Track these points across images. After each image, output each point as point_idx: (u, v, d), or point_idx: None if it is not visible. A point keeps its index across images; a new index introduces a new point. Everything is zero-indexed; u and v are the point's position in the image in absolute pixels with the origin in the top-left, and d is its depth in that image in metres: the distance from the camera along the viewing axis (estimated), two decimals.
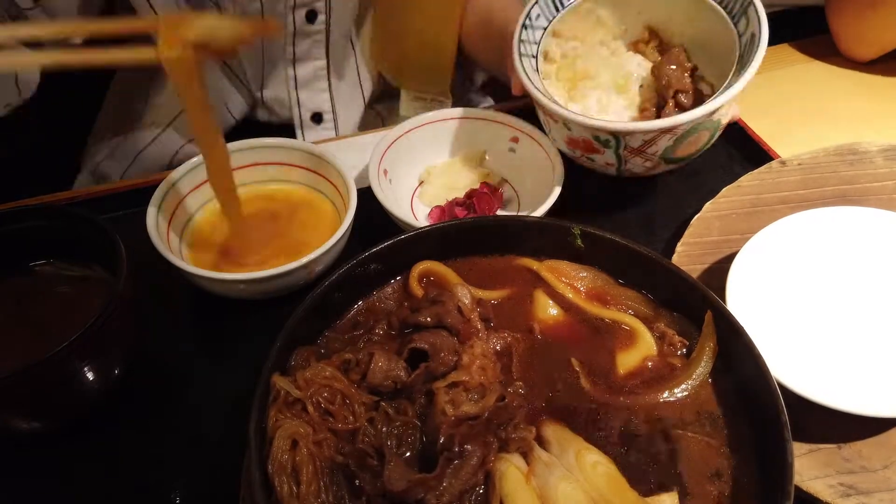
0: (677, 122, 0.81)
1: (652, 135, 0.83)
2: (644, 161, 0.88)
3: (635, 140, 0.84)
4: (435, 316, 0.64)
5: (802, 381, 0.69)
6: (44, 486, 0.72)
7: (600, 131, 0.84)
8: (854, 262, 0.81)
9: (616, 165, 0.90)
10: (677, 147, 0.85)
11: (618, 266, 0.72)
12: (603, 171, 0.93)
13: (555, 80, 0.97)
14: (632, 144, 0.85)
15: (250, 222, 0.93)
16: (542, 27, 0.95)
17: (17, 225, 0.76)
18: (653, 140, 0.84)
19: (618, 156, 0.87)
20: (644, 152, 0.86)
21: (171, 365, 0.83)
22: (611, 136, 0.84)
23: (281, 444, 0.55)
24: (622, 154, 0.87)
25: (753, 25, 0.85)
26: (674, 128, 0.82)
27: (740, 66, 0.85)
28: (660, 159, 0.87)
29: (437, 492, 0.52)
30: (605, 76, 0.97)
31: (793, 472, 0.53)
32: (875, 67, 1.27)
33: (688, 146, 0.87)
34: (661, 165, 0.89)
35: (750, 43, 0.85)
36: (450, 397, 0.58)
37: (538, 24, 0.95)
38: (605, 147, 0.86)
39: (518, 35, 0.93)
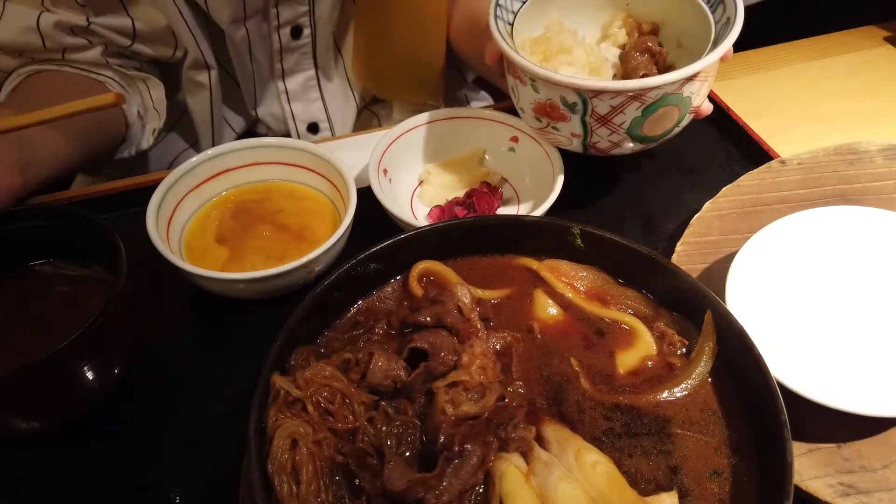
0: (645, 85, 0.80)
1: (620, 99, 0.81)
2: (610, 133, 0.86)
3: (603, 105, 0.82)
4: (435, 315, 0.64)
5: (802, 380, 0.69)
6: (44, 486, 0.72)
7: (567, 89, 0.83)
8: (854, 262, 0.81)
9: (581, 137, 0.88)
10: (645, 121, 0.84)
11: (618, 266, 0.72)
12: (568, 146, 0.92)
13: (528, 53, 0.96)
14: (599, 110, 0.83)
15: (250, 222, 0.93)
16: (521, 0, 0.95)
17: (17, 225, 0.76)
18: (621, 107, 0.82)
19: (584, 124, 0.86)
20: (610, 122, 0.84)
21: (171, 365, 0.83)
22: (577, 97, 0.83)
23: (281, 444, 0.55)
24: (588, 122, 0.85)
25: (730, 10, 0.86)
26: (642, 93, 0.81)
27: (714, 45, 0.85)
28: (626, 134, 0.86)
29: (436, 491, 0.52)
30: (579, 55, 0.96)
31: (792, 472, 0.53)
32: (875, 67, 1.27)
33: (656, 122, 0.85)
34: (627, 141, 0.88)
35: (724, 25, 0.86)
36: (450, 397, 0.58)
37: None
38: (572, 112, 0.85)
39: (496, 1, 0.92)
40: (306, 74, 1.23)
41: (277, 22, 1.13)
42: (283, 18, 1.13)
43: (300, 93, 1.25)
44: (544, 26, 0.97)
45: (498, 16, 0.91)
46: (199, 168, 0.92)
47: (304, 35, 1.17)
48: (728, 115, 1.13)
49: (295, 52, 1.19)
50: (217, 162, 0.94)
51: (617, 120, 0.84)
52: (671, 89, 0.81)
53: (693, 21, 0.92)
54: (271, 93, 1.24)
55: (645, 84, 0.80)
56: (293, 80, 1.23)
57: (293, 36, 1.16)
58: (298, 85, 1.24)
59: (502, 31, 0.89)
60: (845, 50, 1.32)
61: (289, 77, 1.22)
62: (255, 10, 1.10)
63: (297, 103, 1.26)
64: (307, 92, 1.25)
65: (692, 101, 0.86)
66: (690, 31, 0.93)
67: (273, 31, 1.14)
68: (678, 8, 0.94)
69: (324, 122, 1.29)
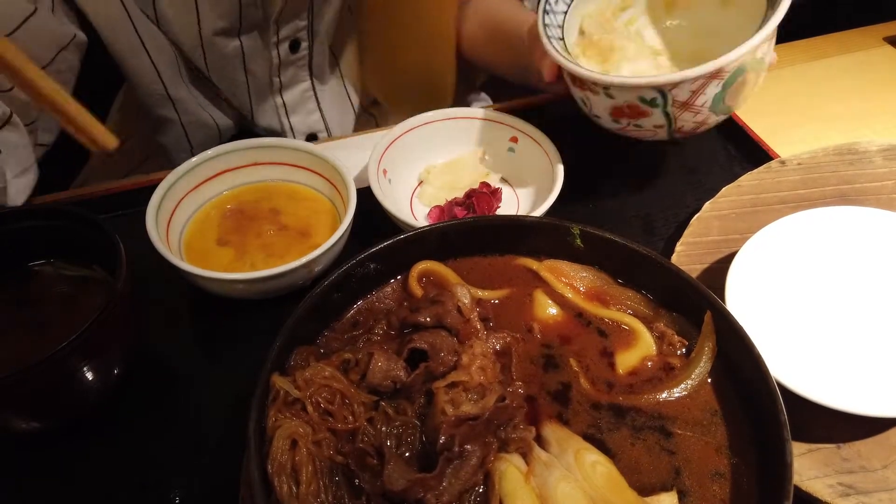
0: (723, 63, 0.78)
1: (699, 82, 0.80)
2: (694, 115, 0.85)
3: (682, 92, 0.82)
4: (434, 316, 0.64)
5: (802, 380, 0.69)
6: (44, 486, 0.72)
7: (645, 89, 0.82)
8: (853, 262, 0.81)
9: (666, 126, 0.88)
10: (726, 94, 0.83)
11: (617, 266, 0.72)
12: (652, 137, 0.91)
13: (584, 59, 0.97)
14: (679, 98, 0.83)
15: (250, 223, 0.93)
16: (563, 11, 0.95)
17: (17, 225, 0.76)
18: (701, 89, 0.81)
19: (666, 114, 0.85)
20: (692, 105, 0.84)
21: (171, 365, 0.83)
22: (657, 92, 0.82)
23: (280, 444, 0.55)
24: (671, 112, 0.85)
25: None
26: (720, 71, 0.79)
27: (771, 3, 0.83)
28: (710, 111, 0.85)
29: (436, 491, 0.52)
30: (629, 48, 0.96)
31: (792, 472, 0.53)
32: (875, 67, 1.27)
33: (736, 92, 0.84)
34: (710, 118, 0.87)
35: None
36: (449, 397, 0.58)
37: (558, 8, 0.95)
38: (651, 107, 0.85)
39: (541, 20, 0.92)
40: (302, 86, 1.23)
41: (277, 38, 1.12)
42: (283, 34, 1.13)
43: (297, 105, 1.25)
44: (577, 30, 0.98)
45: (550, 35, 0.91)
46: (198, 168, 0.92)
47: (302, 48, 1.17)
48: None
49: (292, 65, 1.19)
50: (217, 162, 0.94)
51: (699, 101, 0.83)
52: (747, 59, 0.80)
53: None
54: (269, 107, 1.24)
55: (721, 63, 0.78)
56: (290, 93, 1.23)
57: (291, 50, 1.16)
58: (295, 97, 1.24)
59: (559, 48, 0.90)
60: (845, 50, 1.32)
61: (286, 91, 1.22)
62: (252, 25, 1.09)
63: (295, 116, 1.25)
64: (304, 103, 1.25)
65: (765, 61, 0.85)
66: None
67: (272, 46, 1.13)
68: None
69: (322, 133, 1.30)
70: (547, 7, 0.94)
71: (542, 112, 1.15)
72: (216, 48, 1.09)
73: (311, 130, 1.28)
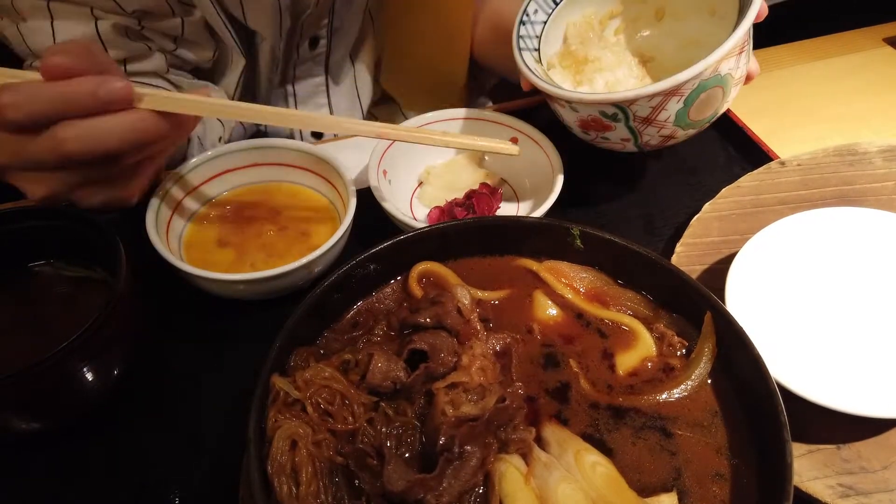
0: (678, 81, 0.77)
1: (658, 99, 0.80)
2: (659, 130, 0.85)
3: (642, 109, 0.81)
4: (434, 317, 0.64)
5: (802, 381, 0.69)
6: (44, 486, 0.72)
7: (604, 105, 0.82)
8: (853, 263, 0.82)
9: (632, 140, 0.88)
10: (689, 110, 0.83)
11: (617, 266, 0.72)
12: (623, 149, 0.91)
13: (560, 69, 0.97)
14: (640, 114, 0.82)
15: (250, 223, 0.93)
16: (542, 21, 0.95)
17: (16, 225, 0.76)
18: (661, 105, 0.81)
19: (630, 129, 0.85)
20: (655, 121, 0.83)
21: (171, 365, 0.83)
22: (616, 108, 0.82)
23: (280, 445, 0.55)
24: (634, 126, 0.84)
25: None
26: (677, 88, 0.79)
27: (740, 16, 0.81)
28: (675, 126, 0.85)
29: (436, 492, 0.52)
30: (607, 59, 0.96)
31: (792, 473, 0.53)
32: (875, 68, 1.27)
33: (701, 107, 0.83)
34: (679, 132, 0.86)
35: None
36: (449, 398, 0.58)
37: (537, 18, 0.95)
38: (614, 122, 0.84)
39: (517, 31, 0.93)
40: (316, 80, 1.23)
41: (299, 36, 1.13)
42: (306, 33, 1.14)
43: (307, 97, 1.25)
44: (562, 38, 0.98)
45: (522, 47, 0.92)
46: (199, 168, 0.92)
47: (321, 45, 1.17)
48: (728, 116, 1.13)
49: (309, 60, 1.19)
50: (217, 162, 0.94)
51: (661, 117, 0.83)
52: (707, 75, 0.79)
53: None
54: (278, 95, 1.24)
55: (676, 81, 0.77)
56: (302, 85, 1.23)
57: (310, 46, 1.17)
58: (307, 90, 1.24)
59: (528, 61, 0.90)
60: (845, 51, 1.32)
61: (298, 82, 1.22)
62: (287, 29, 1.10)
63: (304, 107, 1.25)
64: (315, 97, 1.25)
65: (734, 75, 0.83)
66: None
67: (294, 45, 1.14)
68: None
69: None
70: (524, 18, 0.94)
71: (543, 112, 1.15)
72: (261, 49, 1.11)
73: None
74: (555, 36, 0.98)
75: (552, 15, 0.96)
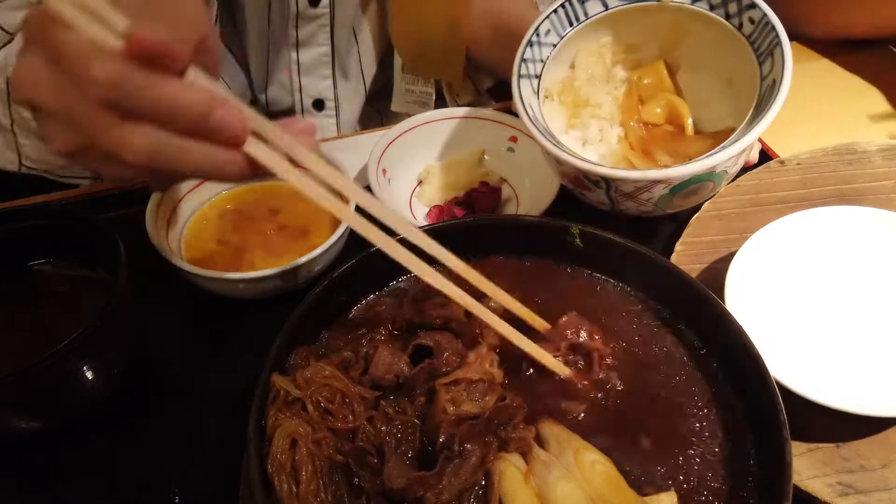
0: (669, 176, 0.75)
1: (643, 183, 0.77)
2: (638, 206, 0.83)
3: (626, 186, 0.79)
4: (442, 317, 0.64)
5: (801, 380, 0.69)
6: (44, 486, 0.72)
7: (589, 173, 0.79)
8: (853, 262, 0.82)
9: (609, 205, 0.85)
10: (674, 198, 0.81)
11: (617, 266, 0.72)
12: (598, 206, 0.88)
13: (558, 104, 0.93)
14: (623, 189, 0.80)
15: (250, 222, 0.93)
16: (552, 44, 0.89)
17: (16, 225, 0.76)
18: (646, 188, 0.78)
19: (609, 197, 0.83)
20: (636, 198, 0.81)
21: (171, 365, 0.83)
22: (600, 178, 0.79)
23: (280, 444, 0.55)
24: (613, 196, 0.82)
25: (777, 70, 0.79)
26: (665, 180, 0.77)
27: (756, 112, 0.79)
28: (655, 206, 0.82)
29: (436, 490, 0.53)
30: (607, 106, 0.93)
31: (791, 472, 0.53)
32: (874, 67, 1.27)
33: (688, 196, 0.82)
34: (657, 211, 0.84)
35: (770, 89, 0.79)
36: (450, 396, 0.58)
37: (547, 40, 0.89)
38: (595, 187, 0.82)
39: (521, 53, 0.87)
40: (321, 49, 1.22)
41: None
42: None
43: (312, 67, 1.24)
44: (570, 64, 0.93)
45: (522, 73, 0.86)
46: None
47: (323, 4, 1.16)
48: None
49: (312, 21, 1.18)
50: None
51: (644, 197, 0.81)
52: (701, 174, 0.77)
53: (743, 66, 0.84)
54: (283, 61, 1.23)
55: (668, 175, 0.75)
56: (307, 53, 1.22)
57: (310, 2, 1.15)
58: (311, 59, 1.23)
59: (524, 91, 0.85)
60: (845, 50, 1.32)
61: (302, 48, 1.21)
62: None
63: (307, 77, 1.24)
64: (319, 68, 1.24)
65: (728, 171, 0.82)
66: (742, 73, 0.85)
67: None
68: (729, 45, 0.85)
69: (330, 101, 1.29)
70: (533, 39, 0.88)
71: None
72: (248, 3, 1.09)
73: (319, 95, 1.27)
74: (563, 59, 0.92)
75: (564, 39, 0.89)
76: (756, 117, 0.78)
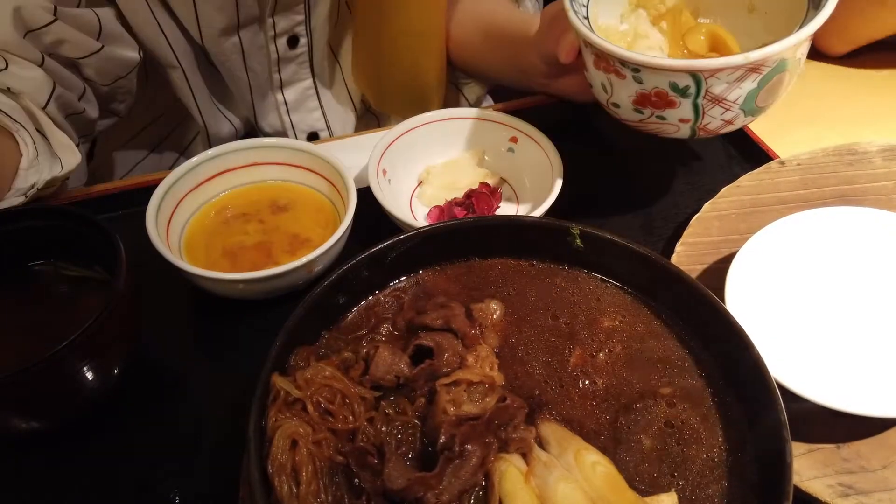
0: (767, 54, 0.73)
1: (738, 73, 0.75)
2: (724, 112, 0.79)
3: (719, 83, 0.76)
4: (443, 318, 0.64)
5: (802, 380, 0.69)
6: (44, 486, 0.72)
7: (680, 73, 0.75)
8: (853, 262, 0.82)
9: (692, 121, 0.81)
10: (760, 91, 0.78)
11: (617, 266, 0.72)
12: (674, 133, 0.85)
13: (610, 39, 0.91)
14: (714, 90, 0.76)
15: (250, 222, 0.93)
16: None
17: (16, 225, 0.76)
18: (738, 82, 0.76)
19: (695, 106, 0.79)
20: (725, 100, 0.78)
21: (171, 365, 0.83)
22: (692, 79, 0.76)
23: (280, 444, 0.55)
24: (700, 104, 0.78)
25: None
26: (762, 63, 0.74)
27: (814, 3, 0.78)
28: (740, 109, 0.80)
29: (436, 490, 0.53)
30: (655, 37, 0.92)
31: (791, 472, 0.53)
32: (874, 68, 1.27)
33: (770, 91, 0.79)
34: (739, 118, 0.81)
35: None
36: (451, 396, 0.58)
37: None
38: (682, 97, 0.78)
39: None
40: (304, 84, 1.23)
41: (274, 32, 1.12)
42: (280, 28, 1.12)
43: (299, 103, 1.24)
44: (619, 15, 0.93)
45: (575, 10, 0.84)
46: (199, 168, 0.92)
47: (301, 44, 1.17)
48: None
49: (292, 62, 1.18)
50: (217, 162, 0.94)
51: (732, 96, 0.78)
52: (789, 54, 0.75)
53: None
54: (269, 104, 1.24)
55: (765, 53, 0.73)
56: (291, 91, 1.22)
57: (290, 45, 1.16)
58: (297, 95, 1.23)
59: (584, 24, 0.82)
60: None
61: (287, 88, 1.22)
62: (249, 19, 1.09)
63: (296, 114, 1.25)
64: (305, 102, 1.25)
65: (801, 62, 0.81)
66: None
67: (269, 40, 1.13)
68: None
69: (323, 132, 1.29)
70: None
71: (542, 112, 1.15)
72: (217, 44, 1.09)
73: (312, 129, 1.28)
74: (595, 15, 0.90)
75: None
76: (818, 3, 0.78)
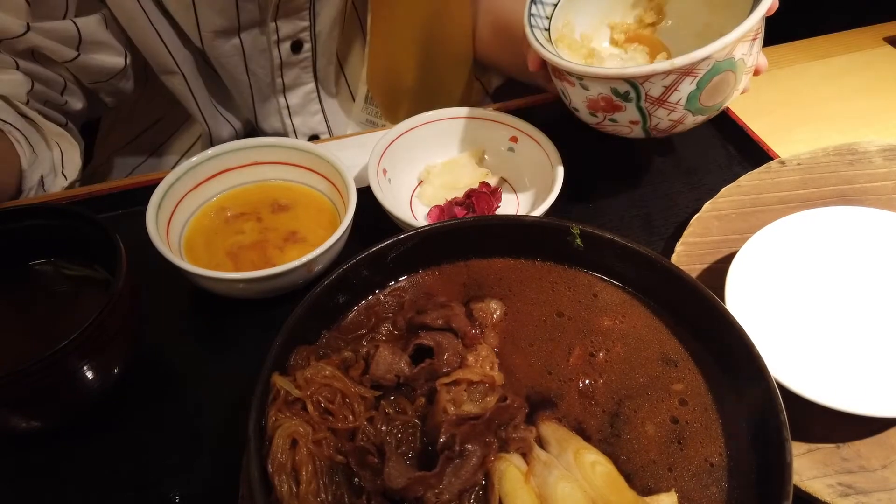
0: (694, 59, 0.78)
1: (672, 78, 0.80)
2: (669, 113, 0.85)
3: (655, 87, 0.82)
4: (443, 318, 0.64)
5: (802, 380, 0.69)
6: (44, 486, 0.72)
7: (617, 80, 0.82)
8: (853, 262, 0.82)
9: (641, 123, 0.87)
10: (701, 93, 0.83)
11: (617, 266, 0.72)
12: (629, 134, 0.91)
13: (568, 54, 0.97)
14: (652, 93, 0.82)
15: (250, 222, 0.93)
16: (553, 3, 0.95)
17: (16, 224, 0.76)
18: (674, 85, 0.81)
19: (640, 109, 0.85)
20: (666, 102, 0.83)
21: (171, 364, 0.83)
22: (629, 85, 0.82)
23: (280, 444, 0.55)
24: (644, 107, 0.84)
25: None
26: (692, 67, 0.79)
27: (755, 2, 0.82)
28: (686, 110, 0.85)
29: (436, 490, 0.52)
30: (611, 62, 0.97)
31: (791, 472, 0.53)
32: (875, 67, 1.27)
33: (713, 92, 0.84)
34: (688, 117, 0.86)
35: None
36: (451, 396, 0.58)
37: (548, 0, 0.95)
38: (625, 101, 0.84)
39: (528, 9, 0.92)
40: (306, 88, 1.23)
41: (277, 36, 1.12)
42: (283, 33, 1.12)
43: (301, 106, 1.24)
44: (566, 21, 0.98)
45: (533, 25, 0.91)
46: (199, 168, 0.92)
47: (305, 49, 1.16)
48: (727, 115, 1.13)
49: (295, 66, 1.18)
50: (217, 162, 0.94)
51: (672, 98, 0.83)
52: (721, 56, 0.79)
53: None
54: (272, 107, 1.24)
55: (693, 58, 0.78)
56: (294, 95, 1.23)
57: (293, 50, 1.16)
58: (299, 99, 1.23)
59: (540, 38, 0.89)
60: (845, 50, 1.32)
61: (289, 92, 1.22)
62: (250, 23, 1.09)
63: (298, 117, 1.25)
64: (308, 105, 1.25)
65: (746, 62, 0.84)
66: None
67: (273, 45, 1.13)
68: None
69: (324, 134, 1.30)
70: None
71: (542, 112, 1.15)
72: (216, 47, 1.09)
73: (313, 132, 1.28)
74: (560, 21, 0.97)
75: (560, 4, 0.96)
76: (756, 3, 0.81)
